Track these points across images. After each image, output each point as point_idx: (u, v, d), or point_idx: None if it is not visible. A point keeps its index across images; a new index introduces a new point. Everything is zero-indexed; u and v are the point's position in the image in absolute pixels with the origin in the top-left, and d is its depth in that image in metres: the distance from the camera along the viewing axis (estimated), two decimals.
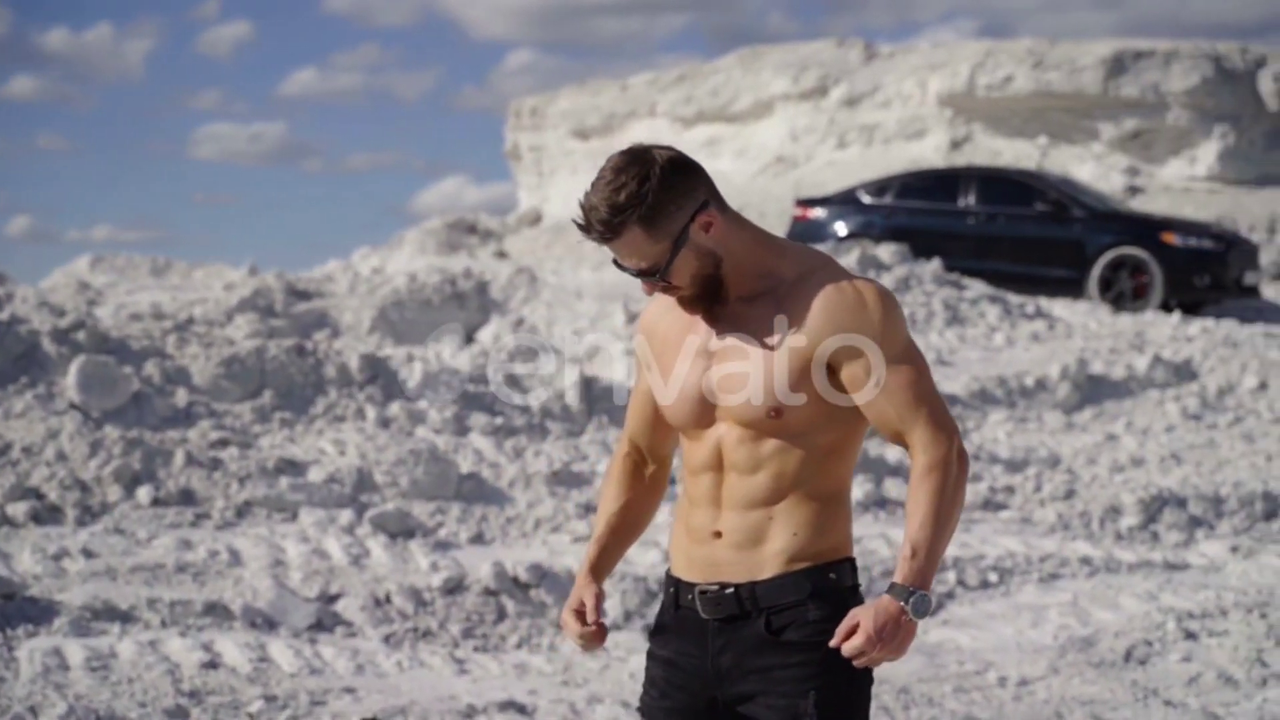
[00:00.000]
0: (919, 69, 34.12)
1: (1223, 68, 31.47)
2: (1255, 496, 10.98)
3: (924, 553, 3.40)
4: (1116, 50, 31.78)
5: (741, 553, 3.53)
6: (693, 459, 3.60)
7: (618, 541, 3.80)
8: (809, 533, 3.53)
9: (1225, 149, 31.04)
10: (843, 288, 3.48)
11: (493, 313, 18.51)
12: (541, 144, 42.32)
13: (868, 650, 3.35)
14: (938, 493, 3.42)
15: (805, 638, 3.49)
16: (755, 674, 3.53)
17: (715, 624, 3.57)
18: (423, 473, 9.62)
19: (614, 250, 3.48)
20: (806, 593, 3.52)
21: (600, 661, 7.63)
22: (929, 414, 3.45)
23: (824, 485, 3.54)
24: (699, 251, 3.47)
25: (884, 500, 10.42)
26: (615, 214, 3.41)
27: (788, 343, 3.47)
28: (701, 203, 3.47)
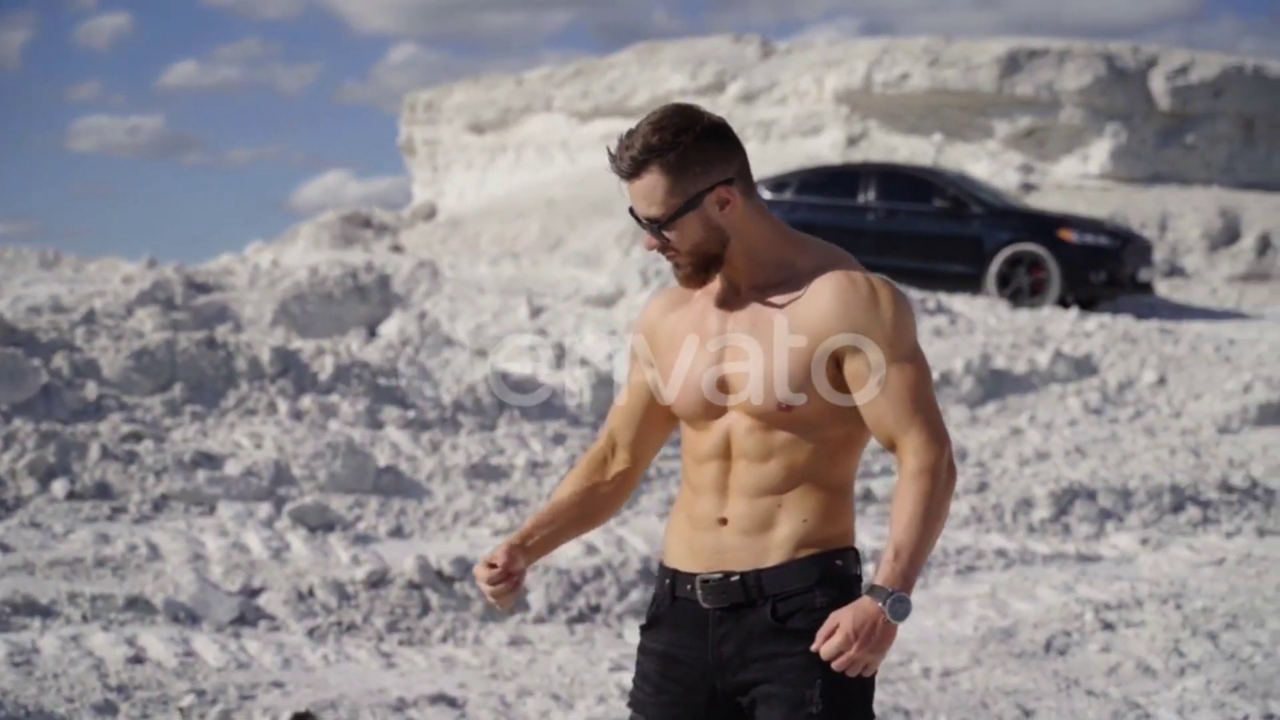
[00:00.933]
0: (815, 66, 34.30)
1: (1115, 67, 31.83)
2: (1163, 490, 11.12)
3: (907, 555, 3.38)
4: (1011, 49, 32.07)
5: (748, 538, 3.52)
6: (699, 447, 3.58)
7: (557, 525, 3.73)
8: (817, 520, 3.52)
9: (1117, 147, 31.40)
10: (858, 284, 3.49)
11: (394, 307, 18.41)
12: (436, 138, 42.18)
13: (845, 651, 3.33)
14: (925, 497, 3.41)
15: (811, 625, 3.46)
16: (758, 662, 3.51)
17: (717, 613, 3.54)
18: (340, 466, 9.56)
19: (631, 193, 3.48)
20: (814, 579, 3.51)
21: (527, 655, 7.62)
22: (925, 419, 3.46)
23: (833, 476, 3.54)
24: (707, 223, 3.47)
25: None
26: (644, 152, 3.43)
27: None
28: (726, 178, 3.48)
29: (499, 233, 32.37)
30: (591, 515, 3.79)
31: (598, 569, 8.52)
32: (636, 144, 3.45)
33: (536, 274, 24.66)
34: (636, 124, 3.50)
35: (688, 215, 3.46)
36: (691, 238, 3.48)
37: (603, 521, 3.84)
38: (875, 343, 3.45)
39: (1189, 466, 12.10)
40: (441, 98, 42.25)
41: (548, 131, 38.74)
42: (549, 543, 3.73)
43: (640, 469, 3.79)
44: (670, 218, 3.47)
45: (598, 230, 30.93)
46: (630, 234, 30.10)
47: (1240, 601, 8.88)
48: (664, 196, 3.45)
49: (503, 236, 32.07)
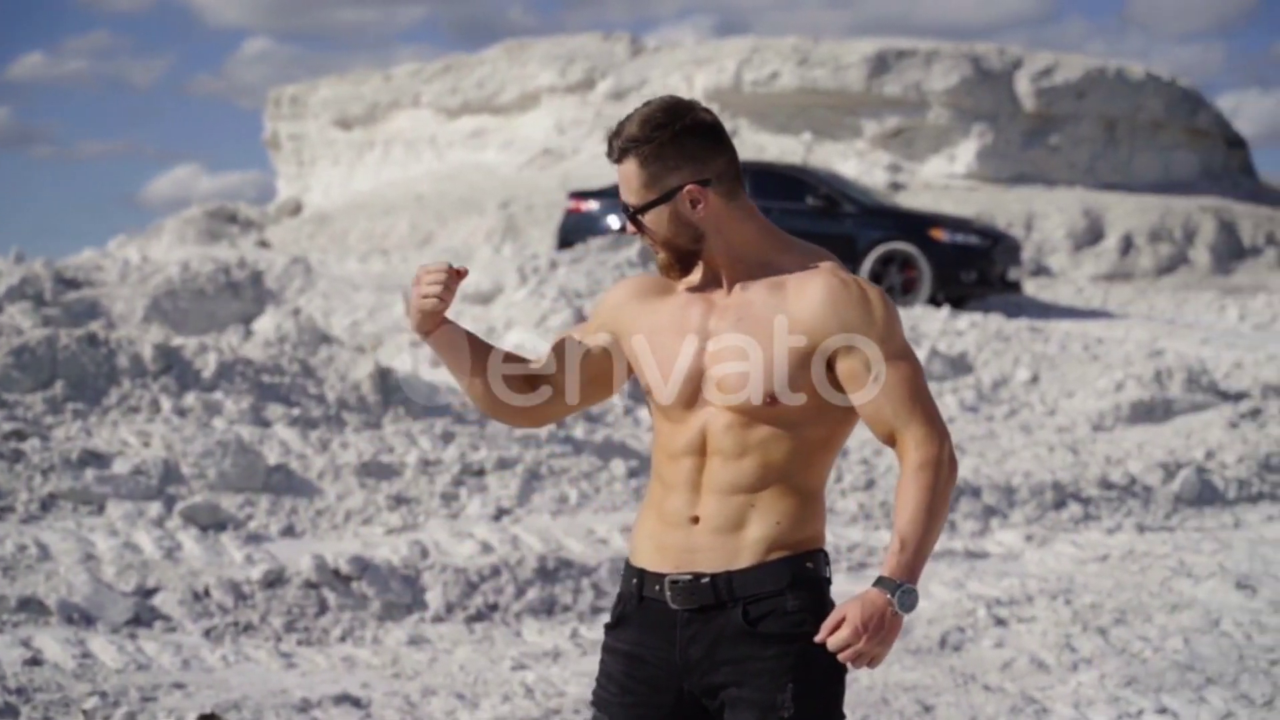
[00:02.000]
0: (685, 64, 34.43)
1: (981, 68, 32.21)
2: (1045, 486, 11.27)
3: (913, 547, 3.40)
4: (879, 50, 32.37)
5: (719, 538, 3.51)
6: (673, 443, 3.56)
7: (478, 345, 3.63)
8: (789, 523, 3.52)
9: (983, 147, 31.79)
10: (848, 285, 3.51)
11: (268, 303, 18.26)
12: (302, 133, 41.86)
13: (853, 643, 3.34)
14: (929, 490, 3.43)
15: (783, 629, 3.48)
16: (728, 665, 3.51)
17: (685, 614, 3.54)
18: (230, 465, 9.46)
19: (619, 178, 3.53)
20: (785, 582, 3.51)
21: (427, 654, 7.58)
22: (924, 412, 3.48)
23: (808, 478, 3.55)
24: (679, 219, 3.50)
25: None
26: (627, 141, 3.48)
27: (789, 335, 3.48)
28: (703, 178, 3.49)
29: (368, 229, 32.18)
30: (487, 365, 3.64)
31: (494, 567, 8.50)
32: (623, 132, 3.49)
33: (407, 270, 24.52)
34: (636, 109, 3.53)
35: (660, 209, 3.49)
36: (663, 231, 3.51)
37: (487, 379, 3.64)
38: (870, 341, 3.47)
39: (1068, 464, 12.26)
40: (307, 93, 41.94)
41: (416, 127, 38.58)
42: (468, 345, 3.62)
43: (560, 400, 3.69)
44: (641, 209, 3.50)
45: (467, 227, 30.85)
46: (500, 231, 30.05)
47: (1127, 597, 9.02)
48: (639, 187, 3.49)
49: (372, 233, 31.89)
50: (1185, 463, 12.32)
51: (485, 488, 9.87)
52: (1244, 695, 7.46)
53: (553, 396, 3.69)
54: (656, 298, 3.63)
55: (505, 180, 33.61)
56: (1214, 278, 28.62)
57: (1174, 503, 11.56)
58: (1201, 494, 11.79)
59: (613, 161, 3.53)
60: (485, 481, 9.95)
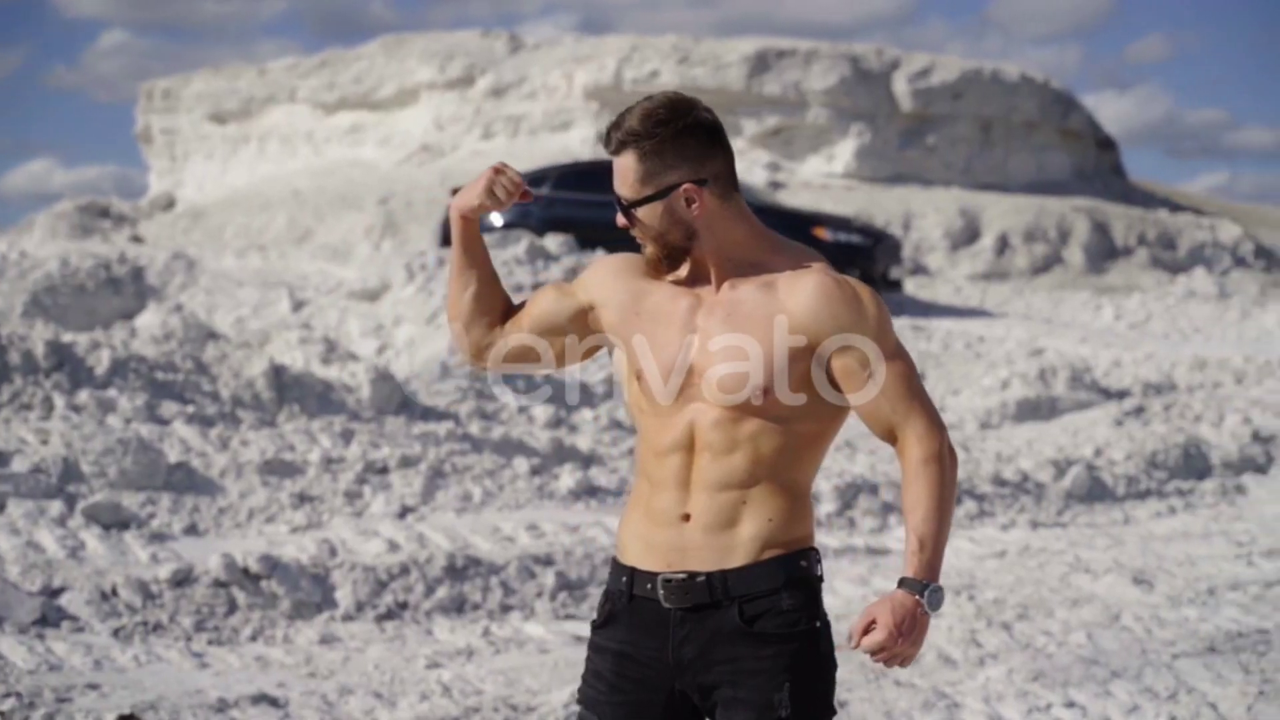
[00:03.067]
0: (565, 62, 34.41)
1: (860, 68, 32.46)
2: None
3: (931, 545, 3.43)
4: (759, 49, 32.53)
5: (711, 535, 3.50)
6: (660, 440, 3.55)
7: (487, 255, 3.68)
8: (782, 520, 3.52)
9: (862, 147, 32.04)
10: (841, 284, 3.52)
11: (150, 299, 18.08)
12: (175, 127, 41.44)
13: (889, 646, 3.37)
14: (937, 485, 3.46)
15: (778, 628, 3.49)
16: (723, 665, 3.50)
17: (678, 613, 3.52)
18: (131, 462, 9.36)
19: (615, 170, 3.52)
20: (780, 581, 3.51)
21: (340, 653, 7.54)
22: (922, 408, 3.50)
23: (797, 475, 3.55)
24: (673, 216, 3.49)
25: (594, 489, 10.50)
26: (627, 134, 3.47)
27: (783, 334, 3.48)
28: (700, 178, 3.49)
29: (244, 225, 31.90)
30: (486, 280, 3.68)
31: (403, 566, 8.46)
32: (623, 125, 3.49)
33: (285, 267, 24.34)
34: (636, 102, 3.53)
35: (654, 205, 3.49)
36: (656, 227, 3.51)
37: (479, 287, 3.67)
38: (865, 340, 3.48)
39: (960, 461, 12.37)
40: (180, 86, 41.52)
41: (292, 122, 38.31)
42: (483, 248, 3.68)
43: (500, 338, 3.67)
44: (635, 203, 3.50)
45: (346, 223, 30.66)
46: (380, 227, 29.89)
47: (1028, 593, 9.14)
48: (634, 181, 3.49)
49: (248, 228, 31.61)
50: (1075, 460, 12.50)
51: (389, 486, 9.83)
52: (1148, 689, 7.57)
53: (497, 331, 3.67)
54: (644, 287, 3.61)
55: (384, 176, 33.44)
56: (1088, 277, 29.02)
57: (1066, 499, 11.72)
58: (1091, 491, 11.97)
59: (610, 153, 3.51)
60: (389, 480, 9.91)
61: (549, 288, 3.71)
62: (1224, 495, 12.57)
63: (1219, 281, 27.17)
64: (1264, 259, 32.71)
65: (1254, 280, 29.39)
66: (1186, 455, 13.16)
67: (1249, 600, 9.23)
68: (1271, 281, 30.55)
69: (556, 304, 3.67)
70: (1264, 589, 9.57)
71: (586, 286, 3.67)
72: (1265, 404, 15.72)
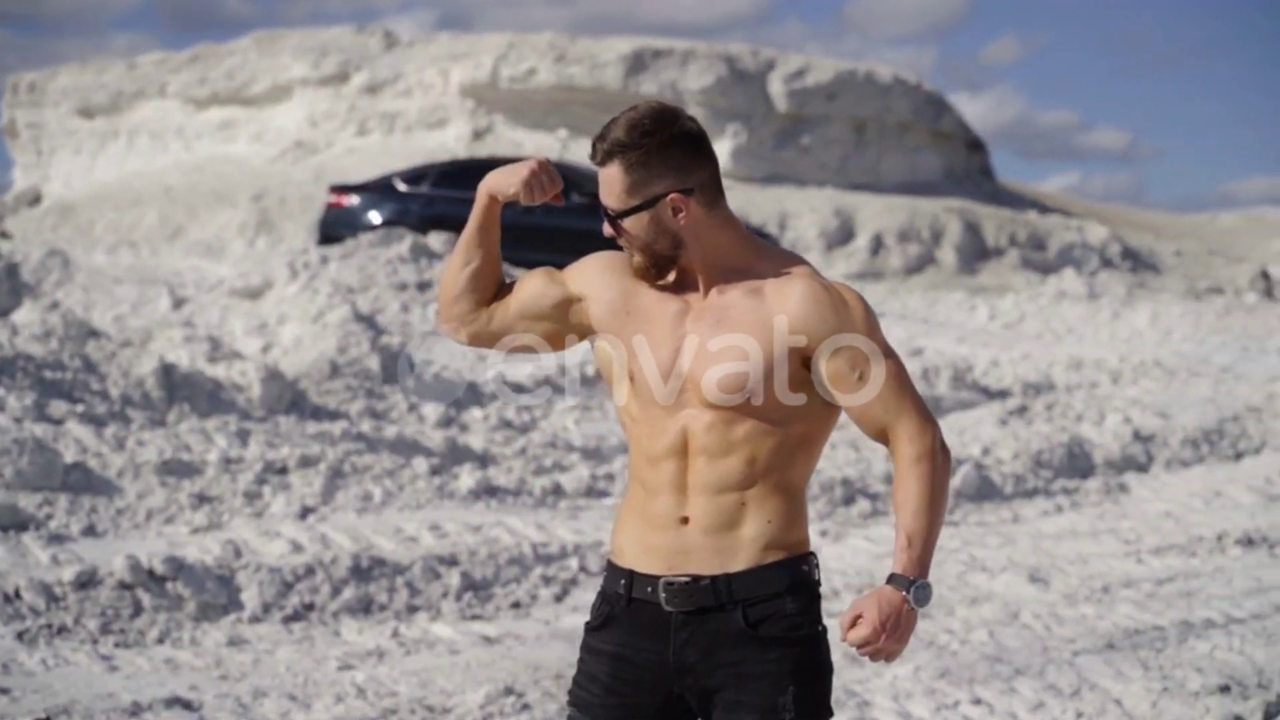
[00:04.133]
0: (441, 59, 34.28)
1: (736, 68, 32.61)
2: (834, 483, 11.48)
3: (920, 542, 3.45)
4: (636, 48, 32.60)
5: (712, 538, 3.51)
6: (653, 446, 3.55)
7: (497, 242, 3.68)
8: (781, 522, 3.54)
9: (738, 147, 32.18)
10: (828, 288, 3.55)
11: (25, 296, 17.80)
12: (41, 121, 40.86)
13: (873, 641, 3.40)
14: (928, 482, 3.48)
15: (782, 632, 3.51)
16: (726, 668, 3.51)
17: (680, 616, 3.53)
18: (27, 463, 9.22)
19: (600, 180, 3.54)
20: (784, 585, 3.53)
21: (249, 655, 7.48)
22: (913, 405, 3.52)
23: (792, 477, 3.56)
24: (660, 226, 3.50)
25: (494, 489, 10.49)
26: (612, 146, 3.48)
27: (782, 334, 3.50)
28: (686, 188, 3.50)
29: (115, 220, 31.51)
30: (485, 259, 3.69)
31: (308, 567, 8.41)
32: (609, 135, 3.50)
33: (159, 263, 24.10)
34: (621, 112, 3.54)
35: (641, 215, 3.50)
36: (643, 236, 3.52)
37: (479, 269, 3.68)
38: (855, 344, 3.50)
39: (852, 460, 12.50)
40: (46, 80, 40.96)
41: (162, 117, 37.89)
42: (498, 233, 3.69)
43: (483, 315, 3.69)
44: (622, 214, 3.51)
45: (219, 219, 30.38)
46: (254, 224, 29.64)
47: None
48: (621, 192, 3.50)
49: (119, 224, 31.23)
50: (963, 459, 12.64)
51: (289, 486, 9.76)
52: (1052, 686, 7.68)
53: (482, 307, 3.69)
54: (633, 287, 3.61)
55: (257, 172, 33.18)
56: (960, 277, 29.34)
57: (956, 498, 11.84)
58: (981, 490, 12.11)
59: (596, 164, 3.52)
60: (288, 480, 9.84)
61: (538, 273, 3.71)
62: (1108, 494, 12.77)
63: (1088, 282, 27.57)
64: (1130, 260, 33.25)
65: (1121, 281, 29.84)
66: (1070, 454, 13.35)
67: (1143, 598, 9.38)
68: (1138, 282, 31.05)
69: (544, 291, 3.67)
70: (1156, 586, 9.74)
71: (576, 278, 3.67)
72: (1143, 404, 15.98)
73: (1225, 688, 7.62)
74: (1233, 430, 15.33)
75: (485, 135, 32.65)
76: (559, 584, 8.98)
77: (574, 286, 3.66)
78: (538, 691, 7.08)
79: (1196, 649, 8.38)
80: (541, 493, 10.58)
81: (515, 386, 14.26)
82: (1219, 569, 10.37)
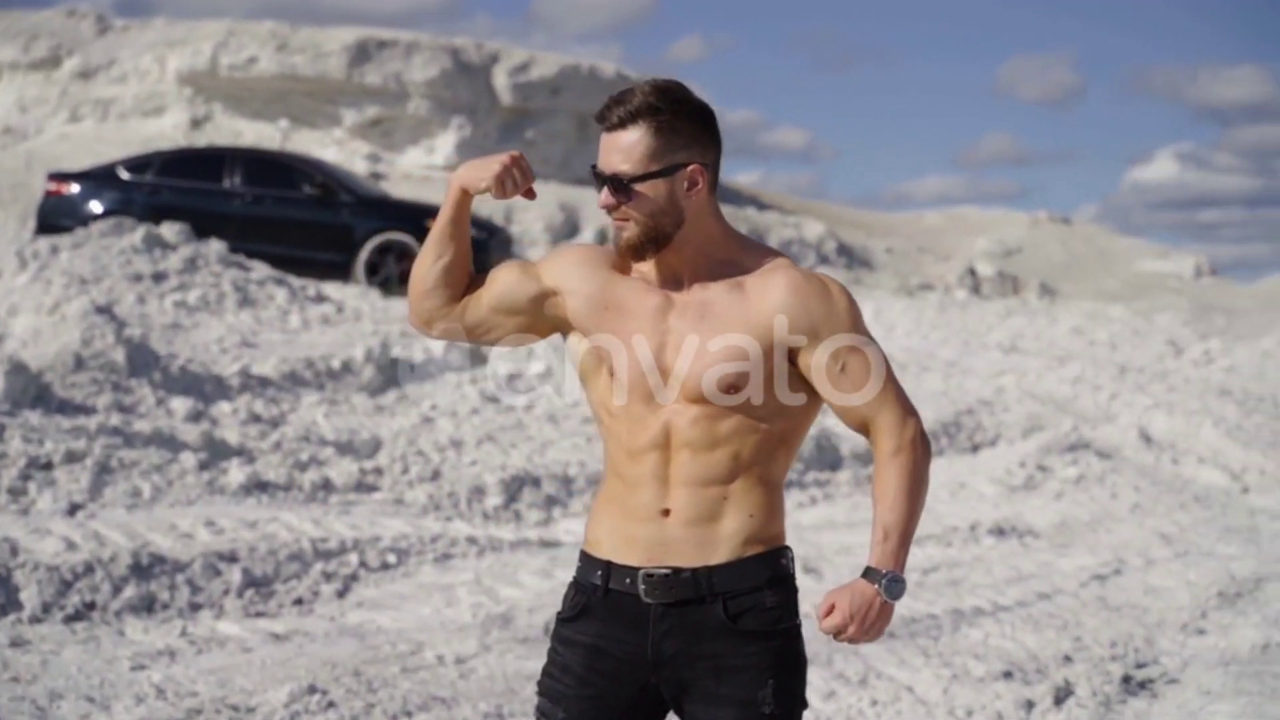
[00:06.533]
0: (158, 45, 33.57)
1: (460, 61, 32.51)
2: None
3: (896, 535, 3.47)
4: (360, 39, 32.28)
5: (693, 530, 3.49)
6: (635, 440, 3.52)
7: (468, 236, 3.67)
8: (762, 516, 3.53)
9: (462, 140, 32.08)
10: (810, 279, 3.54)
11: None
12: None
13: (843, 631, 3.43)
14: (907, 474, 3.50)
15: (762, 625, 3.51)
16: (705, 660, 3.50)
17: (659, 608, 3.51)
18: None
19: (607, 145, 3.46)
20: (765, 579, 3.53)
21: (35, 656, 7.25)
22: (895, 398, 3.54)
23: (773, 471, 3.56)
24: (671, 198, 3.46)
25: (263, 484, 10.32)
26: (641, 107, 3.43)
27: (755, 330, 3.48)
28: (705, 161, 3.48)
29: None
30: (456, 253, 3.66)
31: (87, 565, 8.19)
32: (634, 100, 3.44)
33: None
34: (631, 86, 3.49)
35: (657, 182, 3.45)
36: (650, 206, 3.46)
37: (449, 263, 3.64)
38: (838, 334, 3.50)
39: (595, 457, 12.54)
40: None
41: None
42: (469, 228, 3.69)
43: (455, 310, 3.65)
44: (639, 178, 3.44)
45: None
46: None
47: None
48: (642, 155, 3.44)
49: None
50: None
51: (54, 481, 9.48)
52: (840, 674, 7.82)
53: (455, 300, 3.65)
54: (611, 280, 3.58)
55: None
56: None
57: None
58: None
59: (611, 126, 3.45)
60: (54, 475, 9.55)
61: (512, 266, 3.67)
62: (857, 485, 13.04)
63: None
64: (845, 256, 33.92)
65: (840, 277, 30.44)
66: (819, 447, 13.60)
67: (913, 587, 9.59)
68: (854, 279, 31.72)
69: (518, 284, 3.63)
70: (923, 576, 9.98)
71: (551, 271, 3.63)
72: None
73: (1008, 674, 7.86)
74: (968, 423, 15.79)
75: (204, 124, 32.06)
76: (340, 580, 8.88)
77: (549, 280, 3.62)
78: (340, 689, 7.00)
79: (971, 636, 8.63)
80: (311, 487, 10.44)
81: (261, 380, 14.04)
82: (977, 558, 10.67)
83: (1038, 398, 17.88)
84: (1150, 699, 7.65)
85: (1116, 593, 9.91)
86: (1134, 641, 8.71)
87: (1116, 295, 38.39)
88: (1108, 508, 12.92)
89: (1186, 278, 43.71)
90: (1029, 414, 16.74)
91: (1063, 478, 13.79)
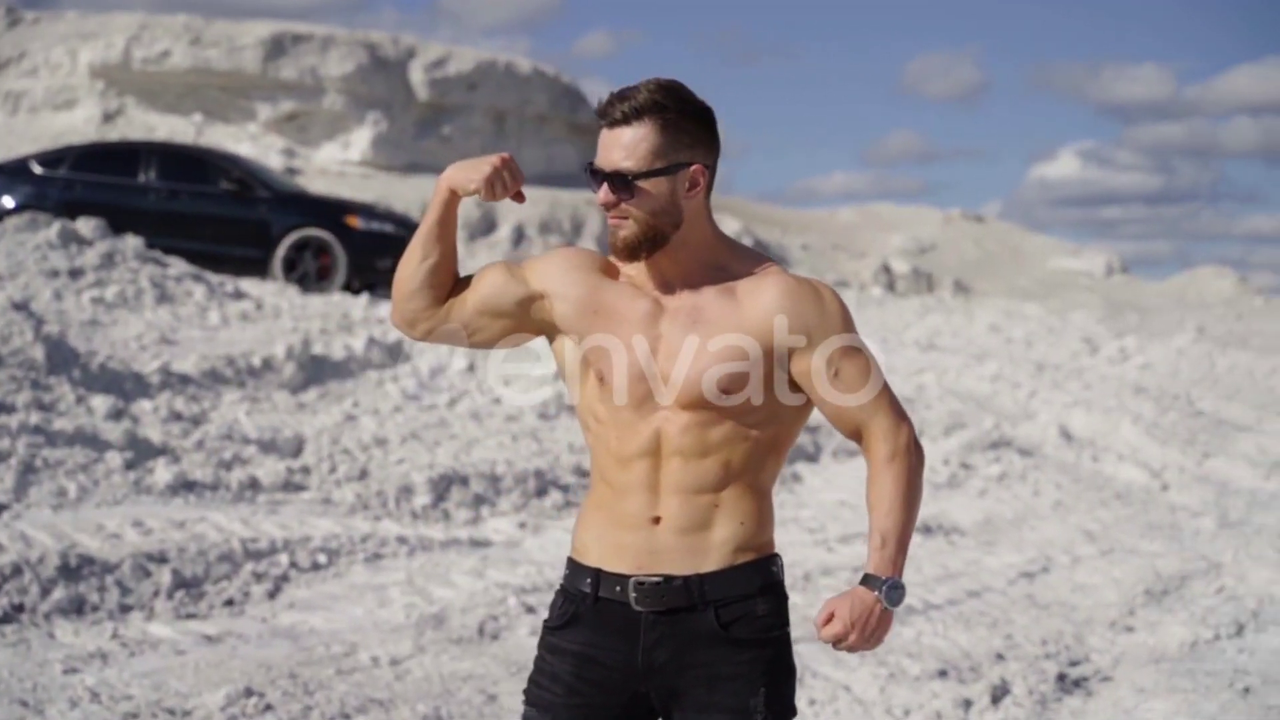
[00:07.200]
0: (70, 38, 33.25)
1: (377, 56, 32.37)
2: (527, 475, 11.49)
3: (894, 541, 3.46)
4: (275, 33, 32.06)
5: (684, 538, 3.47)
6: (624, 447, 3.49)
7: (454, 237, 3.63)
8: (753, 524, 3.51)
9: (378, 135, 31.95)
10: (801, 284, 3.52)
11: None
12: None
13: (844, 639, 3.40)
14: (902, 480, 3.49)
15: (754, 634, 3.49)
16: (697, 668, 3.48)
17: (650, 616, 3.48)
18: None
19: (608, 142, 3.44)
20: (756, 587, 3.51)
21: None
22: (888, 403, 3.53)
23: (763, 479, 3.54)
24: (672, 197, 3.44)
25: (190, 484, 10.22)
26: (647, 104, 3.40)
27: (754, 331, 3.46)
28: (705, 163, 3.47)
29: None
30: (443, 254, 3.62)
31: (14, 566, 8.07)
32: (640, 96, 3.41)
33: None
34: (634, 83, 3.47)
35: (659, 180, 3.43)
36: (651, 204, 3.43)
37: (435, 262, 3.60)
38: (829, 339, 3.49)
39: (536, 452, 12.51)
40: None
41: None
42: (455, 228, 3.66)
43: (440, 311, 3.61)
44: (641, 175, 3.41)
45: None
46: None
47: None
48: (646, 152, 3.42)
49: None
50: None
51: None
52: None
53: (439, 302, 3.61)
54: (600, 283, 3.55)
55: None
56: None
57: None
58: None
59: (614, 122, 3.43)
60: None
61: (498, 268, 3.63)
62: (783, 483, 13.06)
63: None
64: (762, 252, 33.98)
65: None
66: None
67: (843, 585, 9.62)
68: None
69: (504, 287, 3.59)
70: (853, 574, 9.99)
71: (537, 274, 3.60)
72: None
73: (944, 672, 7.89)
74: None
75: (116, 118, 31.76)
76: (271, 580, 8.80)
77: (536, 283, 3.59)
78: (277, 691, 6.94)
79: (904, 635, 8.65)
80: (239, 487, 10.35)
81: (181, 378, 13.91)
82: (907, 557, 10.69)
83: (958, 395, 17.98)
84: (1085, 697, 7.70)
85: (1045, 590, 9.98)
86: (1065, 639, 8.77)
87: (1030, 293, 38.70)
88: (1031, 505, 13.02)
89: (1098, 275, 44.11)
90: (950, 412, 16.83)
91: (985, 475, 13.89)
